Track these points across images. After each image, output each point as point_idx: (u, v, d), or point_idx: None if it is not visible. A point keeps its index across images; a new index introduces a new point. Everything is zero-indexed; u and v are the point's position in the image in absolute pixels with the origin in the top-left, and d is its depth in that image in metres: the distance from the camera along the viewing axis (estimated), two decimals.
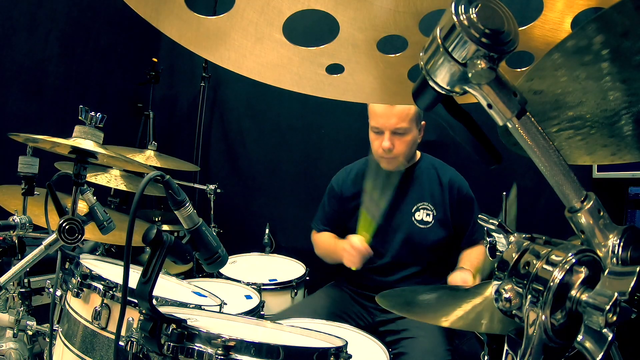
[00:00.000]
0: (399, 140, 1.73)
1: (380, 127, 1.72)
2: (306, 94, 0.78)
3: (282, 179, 2.87)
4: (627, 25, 0.43)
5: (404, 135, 1.73)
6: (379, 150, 1.76)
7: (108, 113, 1.08)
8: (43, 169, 1.41)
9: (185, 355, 0.75)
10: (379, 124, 1.72)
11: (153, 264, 0.74)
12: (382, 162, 1.80)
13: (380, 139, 1.73)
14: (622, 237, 0.43)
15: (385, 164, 1.79)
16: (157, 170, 0.80)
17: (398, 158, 1.76)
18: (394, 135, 1.72)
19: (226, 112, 3.10)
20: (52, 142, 0.99)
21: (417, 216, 1.81)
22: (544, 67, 0.51)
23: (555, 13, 0.64)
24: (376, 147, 1.77)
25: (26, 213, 1.35)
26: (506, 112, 0.44)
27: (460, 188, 1.85)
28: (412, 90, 0.49)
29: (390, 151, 1.72)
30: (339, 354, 0.86)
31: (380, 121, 1.71)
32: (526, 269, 0.44)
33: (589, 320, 0.39)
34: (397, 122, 1.69)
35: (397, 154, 1.74)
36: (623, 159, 0.67)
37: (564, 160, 0.45)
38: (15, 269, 0.96)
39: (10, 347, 1.26)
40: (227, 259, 0.90)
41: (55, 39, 2.50)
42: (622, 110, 0.56)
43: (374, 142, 1.79)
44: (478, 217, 0.57)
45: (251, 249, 2.40)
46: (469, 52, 0.42)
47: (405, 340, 1.56)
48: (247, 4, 0.63)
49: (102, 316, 1.05)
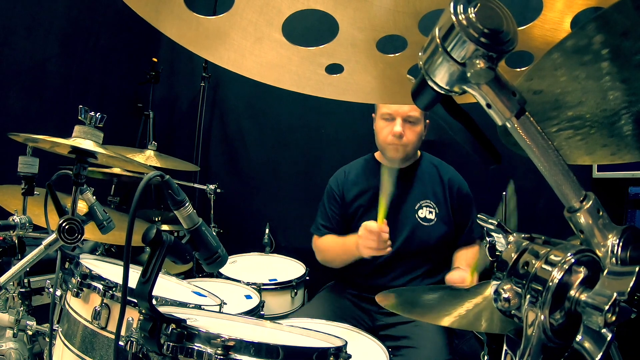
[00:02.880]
0: (410, 129, 1.74)
1: (393, 113, 1.73)
2: (306, 94, 0.78)
3: (282, 179, 2.87)
4: (626, 25, 0.43)
5: (415, 125, 1.74)
6: (387, 138, 1.75)
7: (108, 113, 1.08)
8: (43, 169, 1.41)
9: (184, 355, 0.75)
10: (391, 110, 1.73)
11: (153, 264, 0.74)
12: (389, 150, 1.78)
13: (391, 125, 1.74)
14: (622, 237, 0.43)
15: (392, 152, 1.78)
16: (157, 170, 0.80)
17: (407, 147, 1.76)
18: (405, 122, 1.73)
19: (226, 112, 3.09)
20: (52, 142, 0.99)
21: (421, 213, 1.80)
22: (544, 66, 0.51)
23: (555, 13, 0.64)
24: (385, 135, 1.77)
25: (26, 213, 1.34)
26: (505, 111, 0.44)
27: (460, 187, 1.85)
28: (411, 90, 0.49)
29: (401, 137, 1.72)
30: (338, 354, 0.86)
31: (393, 107, 1.72)
32: (525, 268, 0.44)
33: (588, 320, 0.39)
34: (409, 110, 1.71)
35: (407, 142, 1.74)
36: (623, 159, 0.67)
37: (563, 160, 0.44)
38: (15, 269, 0.96)
39: (10, 347, 1.26)
40: (227, 259, 0.89)
41: (55, 39, 2.50)
42: (622, 110, 0.56)
43: (382, 130, 1.78)
44: (477, 216, 0.57)
45: (251, 249, 2.39)
46: (468, 52, 0.42)
47: (406, 349, 1.54)
48: (247, 3, 0.63)
49: (102, 316, 1.05)
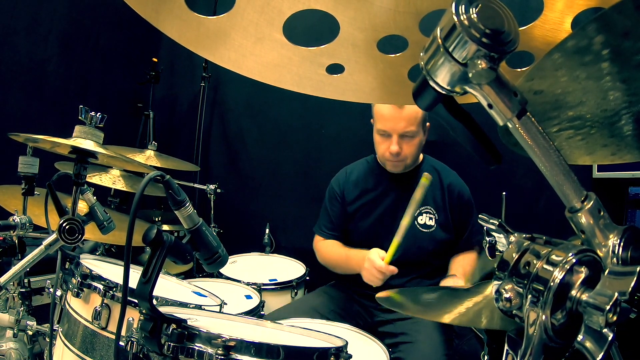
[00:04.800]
0: (407, 143, 1.70)
1: (389, 130, 1.67)
2: (306, 94, 0.78)
3: (282, 179, 2.87)
4: (627, 26, 0.43)
5: (412, 139, 1.70)
6: (385, 154, 1.73)
7: (108, 113, 1.08)
8: (43, 169, 1.41)
9: (185, 355, 0.75)
10: (386, 127, 1.68)
11: (153, 264, 0.74)
12: (387, 164, 1.78)
13: (388, 142, 1.70)
14: (622, 237, 0.43)
15: (391, 167, 1.78)
16: (157, 170, 0.80)
17: (405, 161, 1.74)
18: (402, 138, 1.68)
19: (226, 112, 3.09)
20: (52, 142, 0.99)
21: (420, 220, 1.78)
22: (544, 67, 0.51)
23: (556, 13, 0.64)
24: (383, 151, 1.74)
25: (26, 213, 1.35)
26: (506, 112, 0.44)
27: (461, 193, 1.82)
28: (412, 90, 0.49)
29: (398, 155, 1.69)
30: (339, 354, 0.86)
31: (389, 125, 1.67)
32: (526, 268, 0.45)
33: (589, 320, 0.39)
34: (405, 126, 1.65)
35: (405, 156, 1.72)
36: (623, 159, 0.67)
37: (564, 160, 0.45)
38: (15, 269, 0.96)
39: (10, 347, 1.26)
40: (227, 259, 0.89)
41: (55, 39, 2.50)
42: (622, 110, 0.56)
43: (380, 145, 1.75)
44: (478, 216, 0.57)
45: (251, 249, 2.39)
46: (470, 52, 0.42)
47: (404, 344, 1.55)
48: (247, 3, 0.63)
49: (102, 316, 1.05)
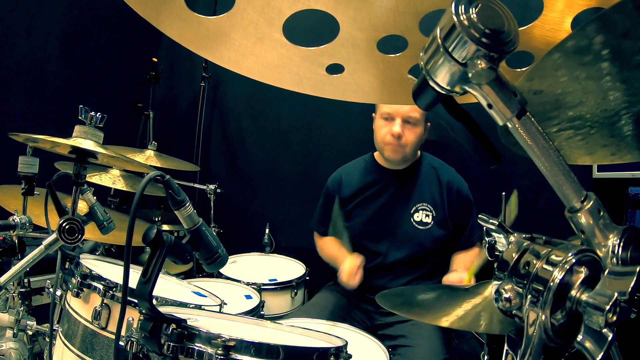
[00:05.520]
0: (409, 129, 1.73)
1: (393, 112, 1.72)
2: (306, 94, 0.78)
3: (282, 179, 2.87)
4: (627, 26, 0.43)
5: (414, 126, 1.73)
6: (386, 137, 1.74)
7: (108, 113, 1.08)
8: (43, 169, 1.41)
9: (185, 355, 0.75)
10: (391, 110, 1.72)
11: (153, 264, 0.74)
12: (387, 150, 1.78)
13: (390, 125, 1.73)
14: (622, 237, 0.43)
15: (390, 152, 1.77)
16: (157, 170, 0.80)
17: (405, 148, 1.75)
18: (405, 123, 1.72)
19: (226, 112, 3.10)
20: (52, 142, 0.99)
21: (416, 217, 1.79)
22: (544, 67, 0.51)
23: (555, 13, 0.64)
24: (384, 134, 1.76)
25: (26, 213, 1.35)
26: (506, 112, 0.44)
27: (459, 190, 1.82)
28: (412, 90, 0.49)
29: (400, 138, 1.71)
30: (339, 354, 0.86)
31: (393, 107, 1.71)
32: (526, 269, 0.45)
33: (589, 320, 0.39)
34: (410, 110, 1.70)
35: (405, 143, 1.73)
36: (623, 159, 0.67)
37: (564, 160, 0.45)
38: (15, 269, 0.96)
39: (10, 347, 1.26)
40: (227, 259, 0.89)
41: (55, 39, 2.50)
42: (622, 110, 0.56)
43: (381, 129, 1.77)
44: (478, 216, 0.57)
45: (251, 249, 2.39)
46: (469, 52, 0.42)
47: (403, 348, 1.55)
48: (247, 3, 0.63)
49: (102, 316, 1.05)
